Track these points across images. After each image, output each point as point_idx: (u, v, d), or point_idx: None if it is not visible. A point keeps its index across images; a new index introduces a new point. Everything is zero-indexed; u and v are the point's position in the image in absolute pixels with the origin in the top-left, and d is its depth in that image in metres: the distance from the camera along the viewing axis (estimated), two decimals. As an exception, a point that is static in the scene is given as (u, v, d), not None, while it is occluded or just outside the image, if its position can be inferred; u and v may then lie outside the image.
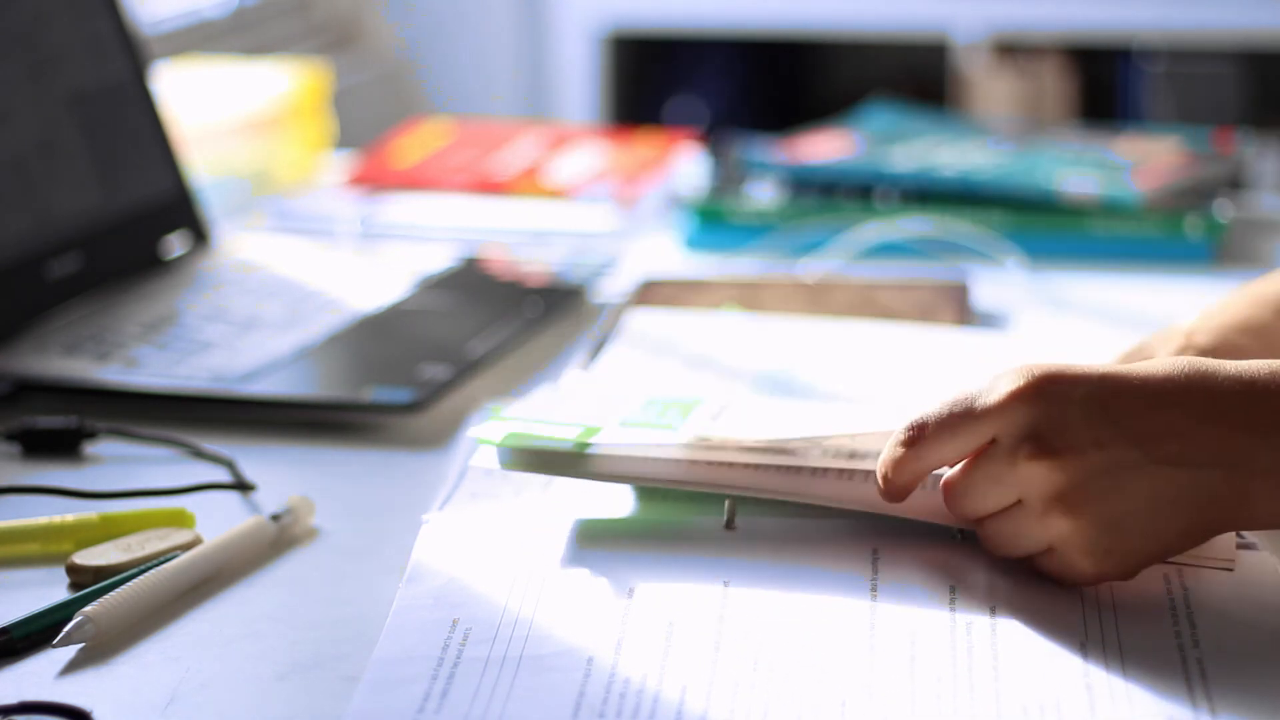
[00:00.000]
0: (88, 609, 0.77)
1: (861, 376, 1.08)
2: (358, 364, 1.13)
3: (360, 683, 0.73)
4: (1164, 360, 0.78)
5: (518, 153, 1.63)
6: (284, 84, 1.66)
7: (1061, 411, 0.76)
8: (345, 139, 1.90)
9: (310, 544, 0.88)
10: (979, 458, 0.78)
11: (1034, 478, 0.76)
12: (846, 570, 0.81)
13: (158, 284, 1.25)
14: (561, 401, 0.98)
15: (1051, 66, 2.99)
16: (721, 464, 0.85)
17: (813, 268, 1.33)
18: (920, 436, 0.79)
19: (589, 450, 0.86)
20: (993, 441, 0.78)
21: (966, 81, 2.97)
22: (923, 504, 0.82)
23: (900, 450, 0.80)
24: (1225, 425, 0.76)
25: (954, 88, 3.00)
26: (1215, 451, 0.76)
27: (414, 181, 1.56)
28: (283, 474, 0.97)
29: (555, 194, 1.53)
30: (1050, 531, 0.77)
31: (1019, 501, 0.78)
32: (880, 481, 0.81)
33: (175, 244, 1.31)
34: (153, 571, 0.81)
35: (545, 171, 1.58)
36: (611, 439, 0.87)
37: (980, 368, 1.05)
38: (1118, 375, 0.77)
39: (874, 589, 0.79)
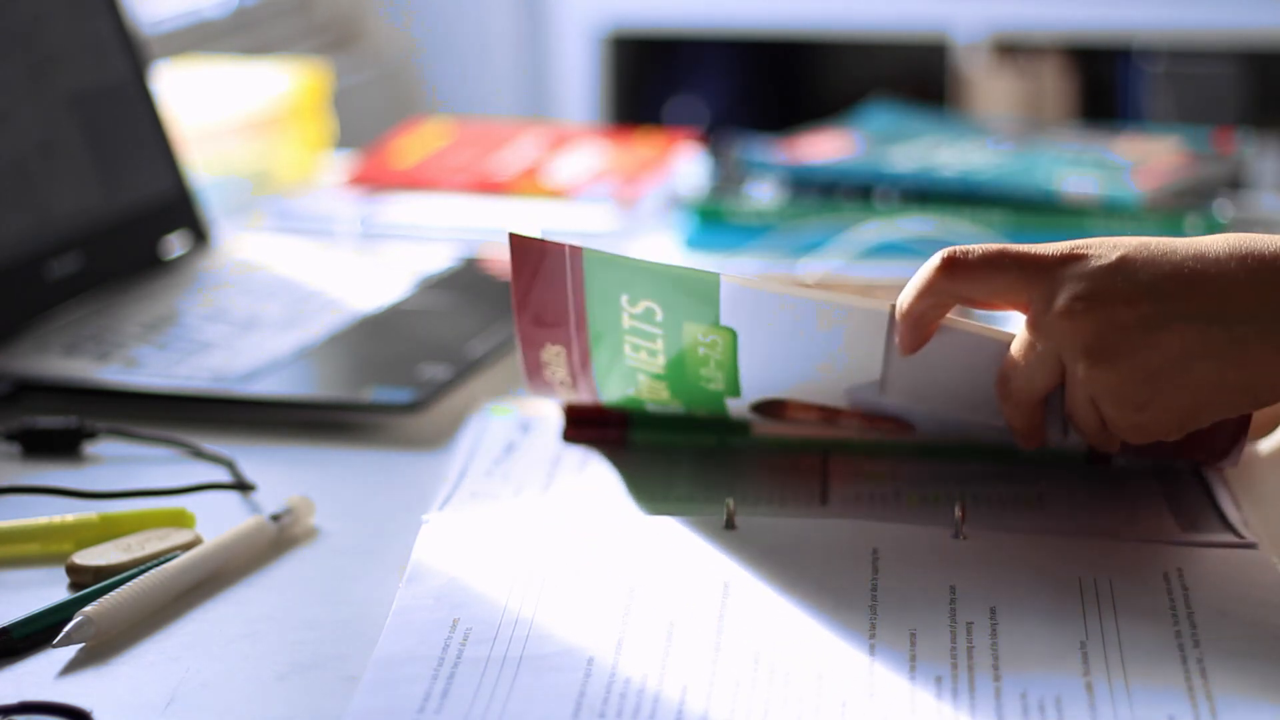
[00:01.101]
0: (88, 609, 0.77)
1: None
2: (358, 364, 1.13)
3: (360, 683, 0.73)
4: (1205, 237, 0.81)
5: (518, 153, 1.63)
6: (284, 84, 1.66)
7: (1097, 270, 0.79)
8: (345, 139, 1.90)
9: (310, 544, 0.88)
10: (1021, 338, 0.81)
11: (1070, 332, 0.79)
12: (846, 570, 0.81)
13: (158, 284, 1.25)
14: None
15: (1051, 66, 2.99)
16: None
17: (813, 268, 1.33)
18: (956, 265, 0.81)
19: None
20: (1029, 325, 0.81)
21: (966, 81, 2.97)
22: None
23: (932, 275, 0.81)
24: (1263, 282, 0.78)
25: (954, 88, 3.00)
26: (1252, 307, 0.78)
27: (414, 181, 1.56)
28: (283, 474, 0.97)
29: (555, 194, 1.53)
30: (1090, 387, 0.79)
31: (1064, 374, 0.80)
32: (901, 308, 0.83)
33: (175, 244, 1.31)
34: (153, 571, 0.81)
35: (545, 171, 1.58)
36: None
37: None
38: (1158, 240, 0.80)
39: (874, 589, 0.79)
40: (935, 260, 0.82)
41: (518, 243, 0.88)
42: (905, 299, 0.83)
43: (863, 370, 0.87)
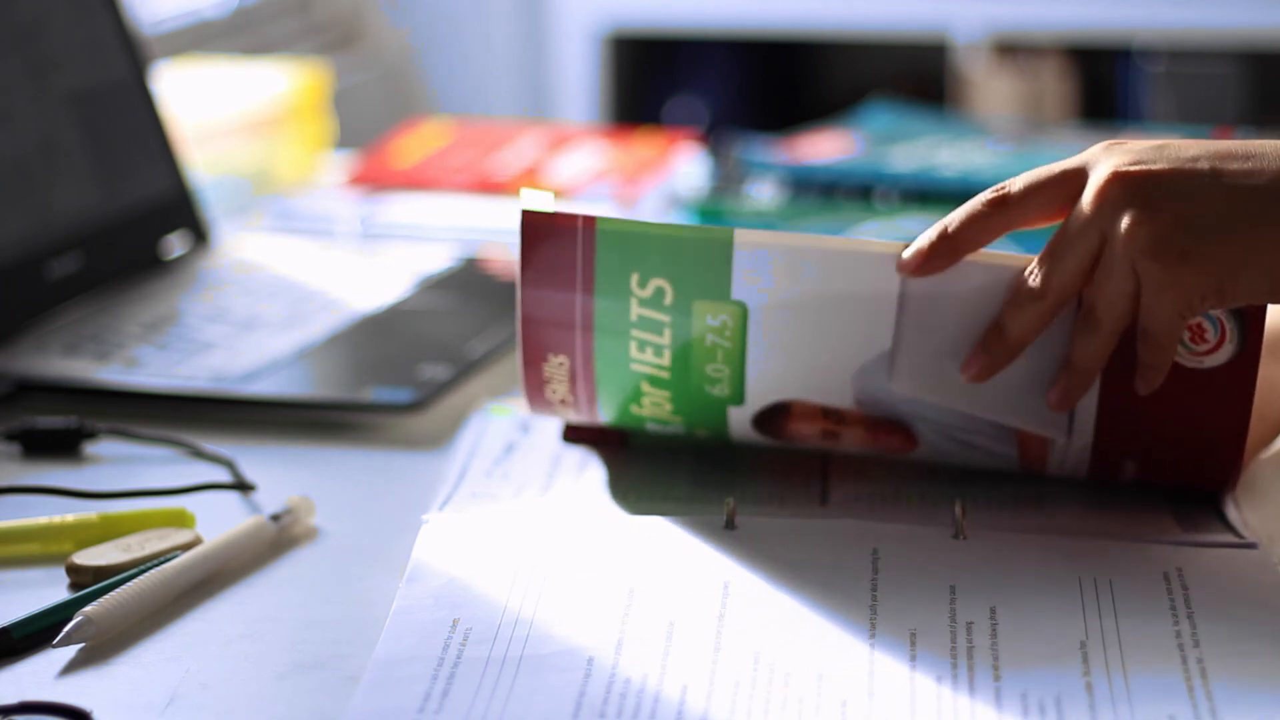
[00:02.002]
0: (88, 609, 0.77)
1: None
2: (358, 364, 1.13)
3: (360, 683, 0.73)
4: None
5: (518, 153, 1.63)
6: (284, 84, 1.66)
7: (1140, 145, 0.81)
8: (345, 139, 1.90)
9: (310, 544, 0.88)
10: (1060, 229, 0.82)
11: (1113, 195, 0.80)
12: (846, 570, 0.81)
13: (158, 284, 1.25)
14: None
15: (1051, 66, 2.99)
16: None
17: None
18: (1006, 197, 0.83)
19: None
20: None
21: (966, 81, 2.97)
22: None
23: (983, 207, 0.83)
24: None
25: (954, 88, 3.00)
26: None
27: (414, 181, 1.56)
28: (283, 474, 0.97)
29: (555, 194, 1.53)
30: (1132, 247, 0.79)
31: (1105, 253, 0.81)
32: (945, 229, 0.84)
33: (175, 244, 1.31)
34: (153, 571, 0.81)
35: (545, 171, 1.58)
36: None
37: None
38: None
39: (874, 589, 0.79)
40: (984, 195, 0.84)
41: (530, 220, 0.88)
42: (951, 221, 0.84)
43: (873, 337, 0.86)
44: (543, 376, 0.92)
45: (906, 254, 0.85)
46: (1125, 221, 0.79)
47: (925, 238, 0.85)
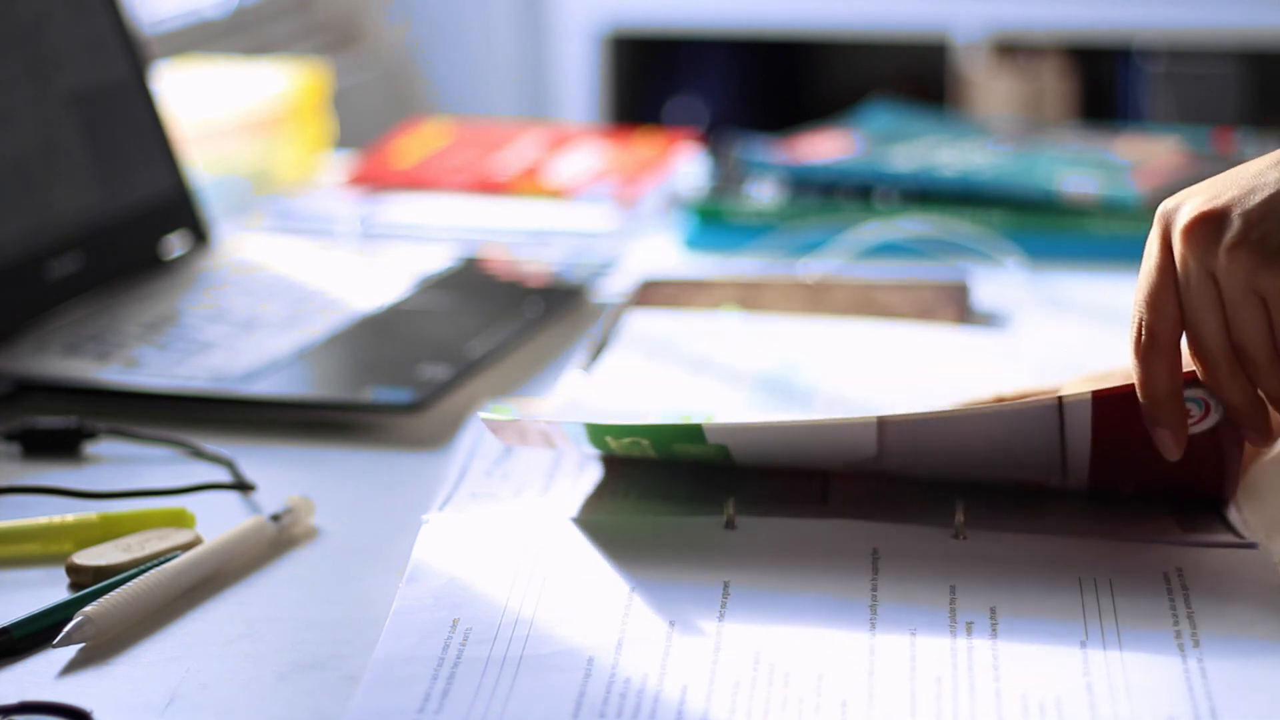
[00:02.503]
0: (88, 609, 0.77)
1: (862, 376, 1.08)
2: (358, 364, 1.13)
3: (360, 683, 0.73)
4: None
5: (518, 153, 1.63)
6: (284, 84, 1.66)
7: (1203, 191, 0.80)
8: (345, 139, 1.90)
9: (310, 544, 0.88)
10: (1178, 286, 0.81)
11: (1203, 241, 0.79)
12: (846, 570, 0.81)
13: (158, 284, 1.25)
14: (573, 406, 0.98)
15: (1051, 66, 2.99)
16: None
17: (813, 268, 1.33)
18: (1151, 330, 0.81)
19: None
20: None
21: (966, 81, 2.97)
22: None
23: (1138, 361, 0.81)
24: None
25: (954, 88, 3.00)
26: None
27: (414, 181, 1.56)
28: (283, 474, 0.97)
29: (555, 194, 1.53)
30: (1242, 271, 0.78)
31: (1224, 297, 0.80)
32: (1145, 397, 0.82)
33: (175, 244, 1.31)
34: (153, 571, 0.81)
35: (545, 171, 1.58)
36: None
37: (980, 367, 1.05)
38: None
39: (874, 589, 0.79)
40: (1138, 353, 0.81)
41: (493, 426, 0.90)
42: (1148, 399, 0.82)
43: (857, 452, 0.88)
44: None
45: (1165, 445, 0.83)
46: (1223, 255, 0.79)
47: (1155, 424, 0.83)
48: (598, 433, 0.88)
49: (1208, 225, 0.79)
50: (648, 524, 0.86)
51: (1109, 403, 0.83)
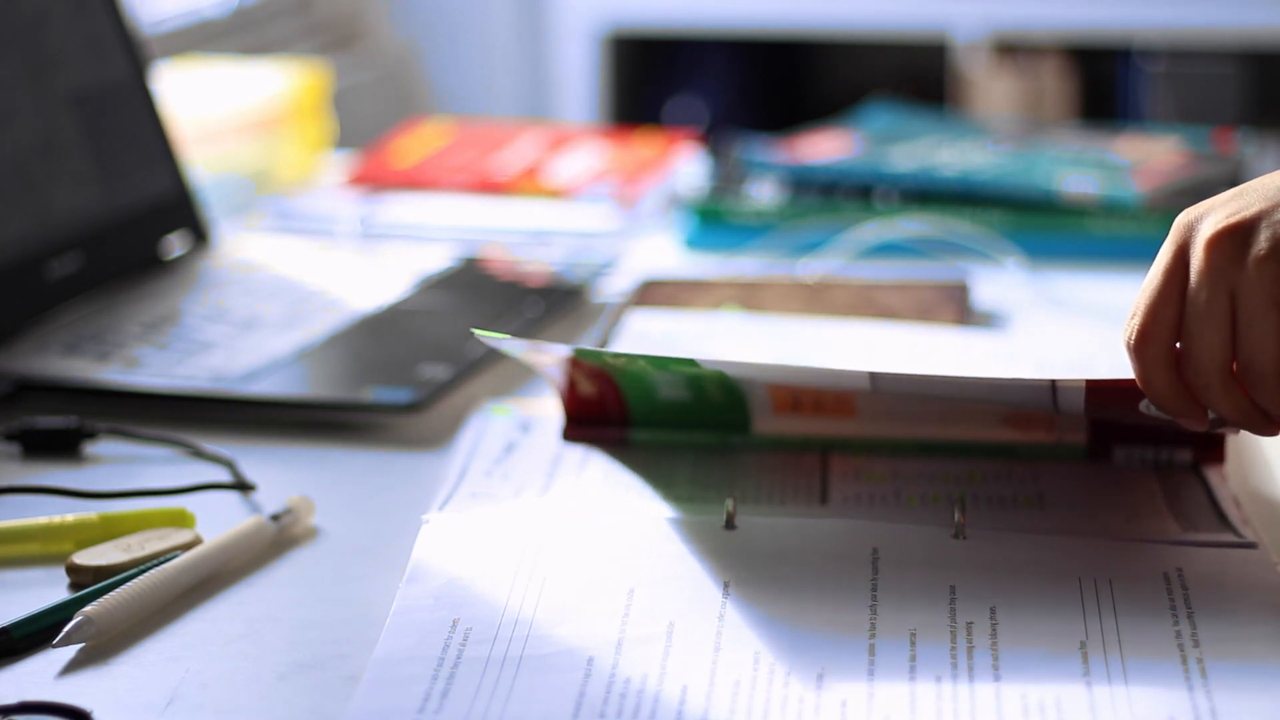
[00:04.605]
0: (88, 609, 0.77)
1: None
2: (358, 364, 1.13)
3: (360, 683, 0.73)
4: None
5: (518, 153, 1.63)
6: (284, 84, 1.66)
7: (1225, 204, 0.79)
8: (345, 139, 1.90)
9: (310, 544, 0.88)
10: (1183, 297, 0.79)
11: (1226, 254, 0.77)
12: (846, 570, 0.81)
13: (158, 284, 1.25)
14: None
15: (1051, 66, 2.99)
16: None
17: (813, 268, 1.33)
18: (1144, 331, 0.79)
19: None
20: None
21: (966, 81, 2.97)
22: None
23: (1138, 364, 0.80)
24: None
25: (954, 88, 3.00)
26: None
27: (414, 181, 1.56)
28: (283, 474, 0.97)
29: (555, 194, 1.53)
30: (1265, 285, 0.77)
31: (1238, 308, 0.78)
32: (1148, 389, 0.81)
33: (175, 244, 1.31)
34: (153, 571, 0.81)
35: (545, 171, 1.58)
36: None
37: (980, 367, 1.05)
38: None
39: (874, 589, 0.79)
40: (1133, 353, 0.80)
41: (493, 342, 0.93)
42: (1147, 387, 0.81)
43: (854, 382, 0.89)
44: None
45: None
46: (1250, 267, 0.77)
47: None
48: (595, 354, 0.89)
49: (1235, 237, 0.77)
50: (648, 524, 0.86)
51: (1103, 393, 0.83)
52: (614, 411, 0.97)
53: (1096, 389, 0.83)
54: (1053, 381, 0.83)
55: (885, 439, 0.95)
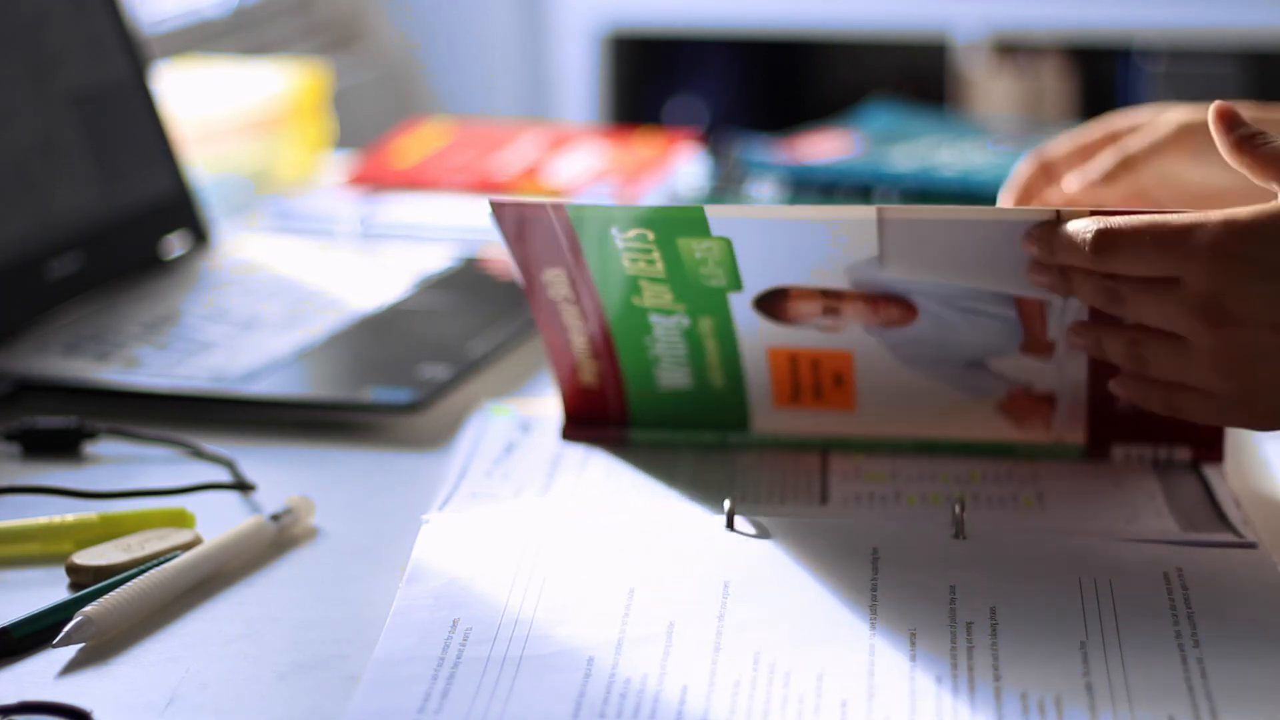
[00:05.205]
0: (88, 609, 0.77)
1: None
2: (358, 364, 1.13)
3: (360, 683, 0.73)
4: None
5: (518, 153, 1.63)
6: (284, 84, 1.66)
7: (1247, 283, 0.79)
8: (345, 139, 1.90)
9: (310, 544, 0.88)
10: (1157, 296, 0.81)
11: (1203, 336, 0.80)
12: (846, 570, 0.81)
13: (158, 284, 1.25)
14: None
15: (1051, 66, 2.99)
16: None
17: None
18: (1108, 245, 0.81)
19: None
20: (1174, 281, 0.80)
21: (966, 81, 2.97)
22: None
23: (1086, 252, 0.82)
24: None
25: (954, 88, 3.00)
26: None
27: (414, 181, 1.56)
28: (283, 474, 0.97)
29: (555, 194, 1.53)
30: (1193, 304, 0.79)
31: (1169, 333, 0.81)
32: (1040, 240, 0.84)
33: (175, 244, 1.31)
34: (153, 571, 0.81)
35: (545, 171, 1.58)
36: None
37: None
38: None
39: (874, 589, 0.79)
40: (1088, 237, 0.82)
41: (499, 210, 0.91)
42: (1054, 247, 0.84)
43: (859, 247, 0.88)
44: (543, 281, 0.93)
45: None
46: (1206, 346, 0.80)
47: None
48: (603, 219, 0.89)
49: (1211, 329, 0.81)
50: (648, 524, 0.86)
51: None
52: (614, 406, 0.97)
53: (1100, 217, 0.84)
54: (1057, 211, 0.84)
55: (884, 437, 0.95)
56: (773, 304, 0.92)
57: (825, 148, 1.54)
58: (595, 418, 0.98)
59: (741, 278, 0.90)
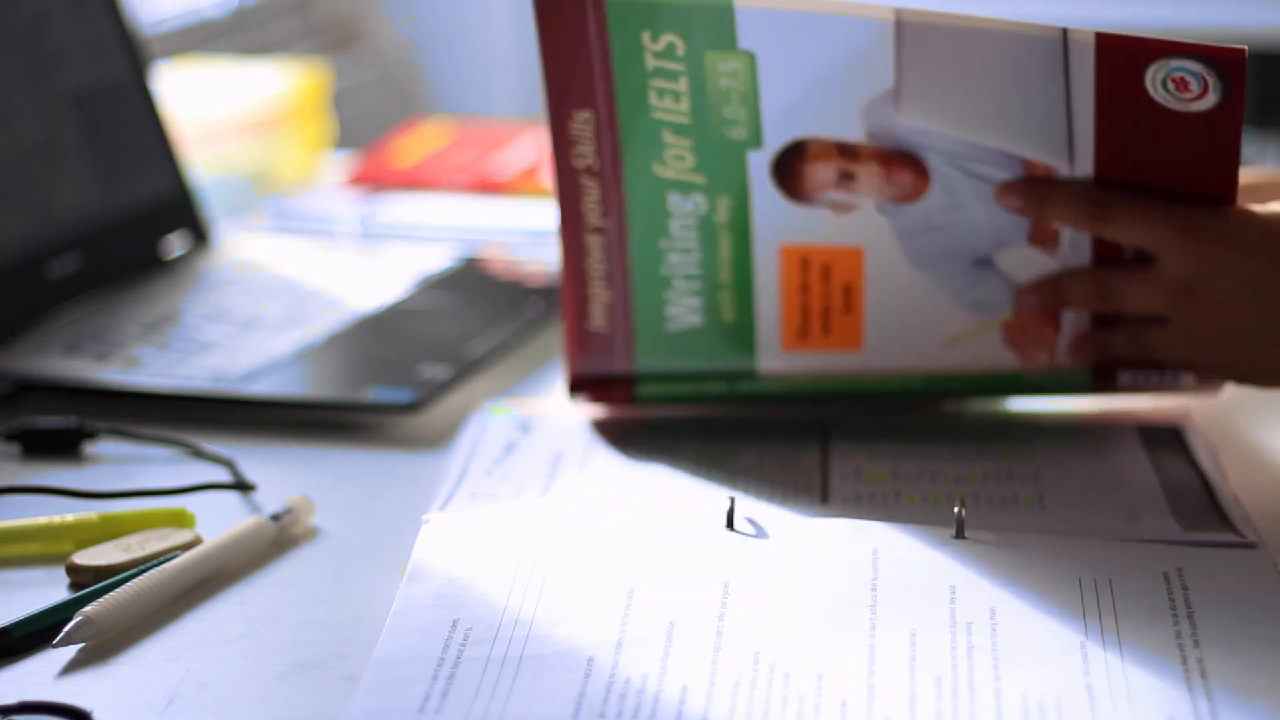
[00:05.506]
0: (88, 609, 0.77)
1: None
2: (358, 364, 1.13)
3: (360, 683, 0.73)
4: None
5: (518, 153, 1.63)
6: (284, 84, 1.66)
7: (1226, 275, 0.87)
8: (345, 139, 1.90)
9: (310, 544, 0.88)
10: (1140, 269, 0.88)
11: (1180, 309, 0.86)
12: (846, 570, 0.81)
13: (158, 284, 1.25)
14: None
15: (1051, 66, 2.99)
16: None
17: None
18: (1106, 213, 0.87)
19: None
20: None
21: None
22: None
23: (1083, 209, 0.87)
24: None
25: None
26: None
27: (414, 181, 1.56)
28: (283, 474, 0.97)
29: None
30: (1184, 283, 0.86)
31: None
32: (1032, 194, 0.89)
33: (175, 244, 1.31)
34: (153, 571, 0.81)
35: (545, 171, 1.58)
36: None
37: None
38: None
39: (874, 589, 0.79)
40: (1083, 202, 0.85)
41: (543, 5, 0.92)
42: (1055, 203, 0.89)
43: (875, 65, 0.89)
44: (570, 137, 0.94)
45: None
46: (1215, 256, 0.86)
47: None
48: (639, 14, 0.90)
49: (1192, 309, 0.89)
50: (648, 524, 0.86)
51: (1112, 51, 0.87)
52: (621, 354, 0.97)
53: (1106, 43, 0.87)
54: (1064, 30, 0.86)
55: (892, 374, 0.95)
56: (790, 172, 0.93)
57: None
58: (602, 371, 0.97)
59: (762, 125, 0.91)
